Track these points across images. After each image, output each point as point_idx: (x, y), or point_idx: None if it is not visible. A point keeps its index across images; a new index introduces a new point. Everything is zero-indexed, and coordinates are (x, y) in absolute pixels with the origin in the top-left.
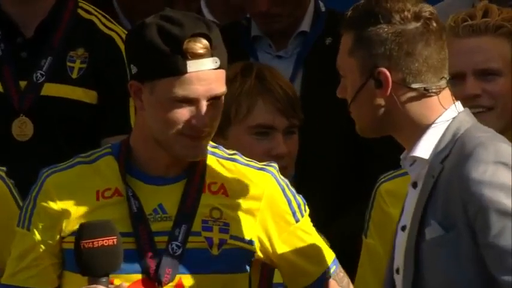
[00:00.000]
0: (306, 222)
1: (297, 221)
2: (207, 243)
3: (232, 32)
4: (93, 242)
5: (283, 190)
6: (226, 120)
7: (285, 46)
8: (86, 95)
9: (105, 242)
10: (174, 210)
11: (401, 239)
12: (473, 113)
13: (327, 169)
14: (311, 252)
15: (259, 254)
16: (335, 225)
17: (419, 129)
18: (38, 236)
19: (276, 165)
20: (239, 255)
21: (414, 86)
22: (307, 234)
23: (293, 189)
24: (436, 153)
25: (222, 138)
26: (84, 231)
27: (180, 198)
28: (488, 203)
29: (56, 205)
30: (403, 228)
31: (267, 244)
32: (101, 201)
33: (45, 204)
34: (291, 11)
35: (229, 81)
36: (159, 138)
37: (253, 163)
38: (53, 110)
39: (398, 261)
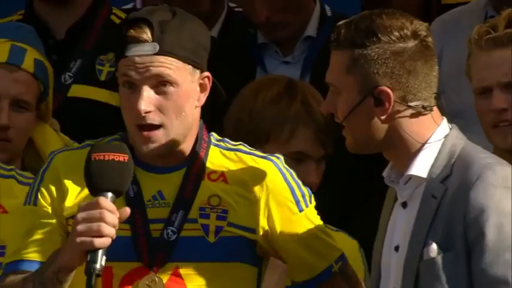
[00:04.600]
0: (311, 213)
1: (301, 210)
2: (202, 230)
3: (240, 41)
4: (104, 155)
5: (286, 178)
6: (265, 137)
7: (292, 51)
8: (112, 98)
9: (116, 157)
10: (173, 197)
11: (395, 259)
12: (500, 127)
13: (338, 170)
14: (315, 244)
15: (263, 244)
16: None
17: (414, 147)
18: (45, 210)
19: (281, 156)
20: (238, 243)
21: (413, 104)
22: (312, 224)
23: (298, 180)
24: (434, 172)
25: None
26: (96, 146)
27: (180, 185)
28: (488, 230)
29: (62, 181)
30: (397, 248)
31: (270, 233)
32: None
33: (52, 179)
34: (294, 18)
35: (272, 100)
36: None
37: (257, 152)
38: (79, 110)
39: (395, 282)
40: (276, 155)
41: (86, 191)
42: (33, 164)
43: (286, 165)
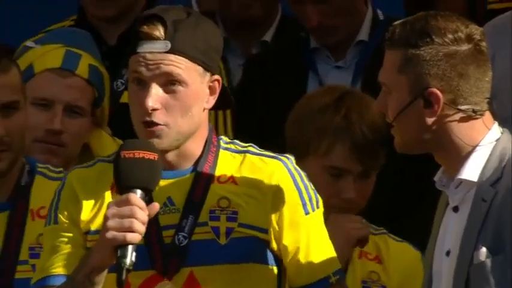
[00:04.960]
0: (317, 218)
1: (307, 213)
2: (213, 233)
3: (292, 46)
4: (133, 152)
5: (294, 179)
6: (304, 149)
7: (344, 56)
8: None
9: (146, 155)
10: (183, 202)
11: (447, 264)
12: None
13: (389, 172)
14: (315, 251)
15: (274, 245)
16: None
17: (465, 150)
18: (66, 226)
19: (291, 156)
20: (251, 244)
21: (463, 107)
22: (316, 230)
23: (307, 182)
24: (484, 176)
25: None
26: (126, 144)
27: (188, 190)
28: None
29: (77, 197)
30: (448, 253)
31: (277, 233)
32: (114, 196)
33: (68, 196)
34: (346, 23)
35: (318, 110)
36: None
37: (267, 152)
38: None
39: (446, 287)
40: (286, 155)
41: (97, 202)
42: None
43: (296, 166)
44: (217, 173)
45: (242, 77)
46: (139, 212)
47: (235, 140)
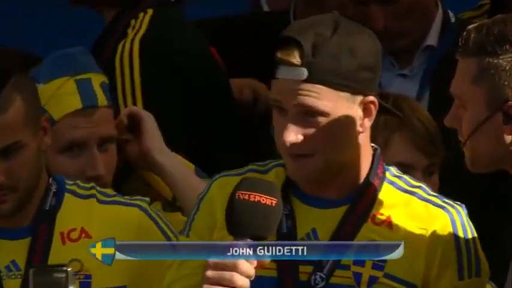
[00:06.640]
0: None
1: (461, 279)
2: (353, 279)
3: None
4: (249, 194)
5: (457, 238)
6: None
7: (409, 63)
8: None
9: (263, 200)
10: (327, 237)
11: None
12: None
13: (467, 191)
14: None
15: None
16: None
17: None
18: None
19: (464, 209)
20: None
21: None
22: None
23: (473, 245)
24: None
25: None
26: (244, 182)
27: (337, 225)
28: None
29: (215, 213)
30: None
31: None
32: None
33: (206, 210)
34: (413, 27)
35: None
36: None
37: (436, 199)
38: None
39: None
40: (458, 205)
41: None
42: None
43: (466, 221)
44: (374, 210)
45: None
46: (244, 264)
47: (405, 176)
